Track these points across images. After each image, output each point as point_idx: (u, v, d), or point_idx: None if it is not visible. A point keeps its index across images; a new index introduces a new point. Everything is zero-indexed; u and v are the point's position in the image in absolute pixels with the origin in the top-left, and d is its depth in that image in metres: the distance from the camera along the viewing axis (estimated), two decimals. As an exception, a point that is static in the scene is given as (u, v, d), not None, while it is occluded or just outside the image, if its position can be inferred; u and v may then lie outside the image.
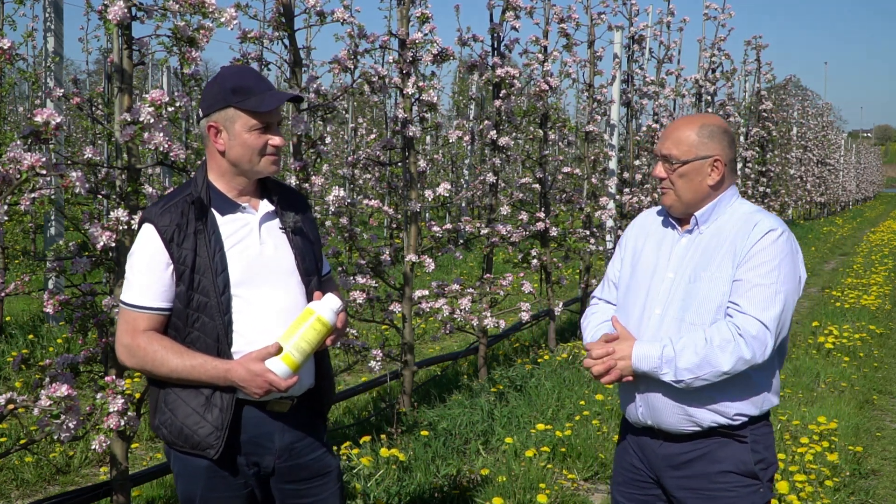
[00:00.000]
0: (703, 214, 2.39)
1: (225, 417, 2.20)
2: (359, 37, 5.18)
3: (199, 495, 2.27)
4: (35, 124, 2.76)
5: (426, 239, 5.85)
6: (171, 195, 2.28)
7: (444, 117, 19.72)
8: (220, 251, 2.21)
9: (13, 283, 4.22)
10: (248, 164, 2.24)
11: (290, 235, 2.34)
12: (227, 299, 2.20)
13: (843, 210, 36.94)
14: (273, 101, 2.20)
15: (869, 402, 6.52)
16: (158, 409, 2.28)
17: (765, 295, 2.23)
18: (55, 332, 7.30)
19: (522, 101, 9.14)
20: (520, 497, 4.22)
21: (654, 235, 2.51)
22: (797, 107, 23.23)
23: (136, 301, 2.21)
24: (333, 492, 2.42)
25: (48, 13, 7.11)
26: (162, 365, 2.18)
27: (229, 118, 2.21)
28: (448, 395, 5.84)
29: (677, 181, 2.37)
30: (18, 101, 16.03)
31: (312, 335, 2.18)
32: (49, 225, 7.30)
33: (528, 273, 7.71)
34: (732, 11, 11.70)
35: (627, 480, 2.55)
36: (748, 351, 2.21)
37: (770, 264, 2.25)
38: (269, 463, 2.30)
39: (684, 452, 2.38)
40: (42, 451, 4.72)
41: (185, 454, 2.26)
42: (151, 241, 2.20)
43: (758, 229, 2.29)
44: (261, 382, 2.13)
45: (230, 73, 2.25)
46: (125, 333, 2.22)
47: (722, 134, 2.36)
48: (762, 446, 2.36)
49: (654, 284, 2.41)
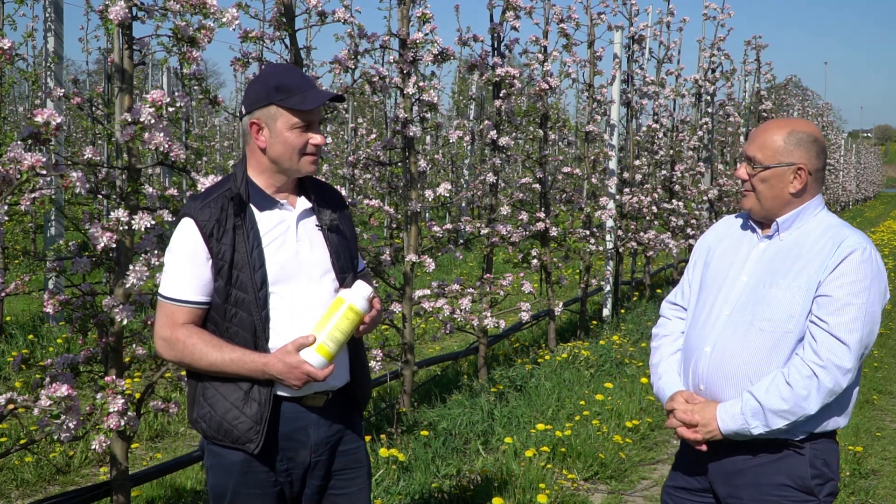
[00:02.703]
0: (785, 221, 2.34)
1: (264, 412, 2.21)
2: (359, 37, 5.17)
3: (231, 490, 2.28)
4: (35, 124, 2.76)
5: (426, 239, 5.85)
6: (211, 190, 2.29)
7: (445, 117, 19.72)
8: (258, 247, 2.23)
9: (13, 283, 4.22)
10: (289, 163, 2.26)
11: (326, 233, 2.35)
12: (264, 295, 2.22)
13: (843, 210, 36.95)
14: (315, 100, 2.22)
15: (869, 402, 6.53)
16: (196, 403, 2.28)
17: (853, 315, 2.18)
18: (55, 332, 7.30)
19: (522, 101, 9.15)
20: (520, 497, 4.22)
21: (732, 238, 2.48)
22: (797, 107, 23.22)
23: (174, 294, 2.22)
24: (362, 487, 2.43)
25: (48, 13, 7.11)
26: (201, 358, 2.19)
27: (271, 116, 2.23)
28: (448, 395, 5.84)
29: (758, 185, 2.33)
30: (18, 101, 16.04)
31: (345, 324, 2.19)
32: (49, 225, 7.29)
33: (528, 273, 7.71)
34: (732, 11, 11.68)
35: (680, 486, 2.52)
36: (830, 380, 2.16)
37: (860, 284, 2.19)
38: (305, 457, 2.31)
39: (740, 461, 2.33)
40: (42, 451, 4.72)
41: (222, 448, 2.26)
42: (191, 236, 2.21)
43: (846, 245, 2.23)
44: (298, 374, 2.15)
45: (274, 71, 2.29)
46: (164, 326, 2.23)
47: (811, 143, 2.30)
48: (821, 462, 2.29)
49: (727, 286, 2.38)
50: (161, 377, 3.37)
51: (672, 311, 2.62)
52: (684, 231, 10.62)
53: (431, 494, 4.17)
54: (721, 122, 13.14)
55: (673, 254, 11.21)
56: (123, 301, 3.14)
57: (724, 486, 2.37)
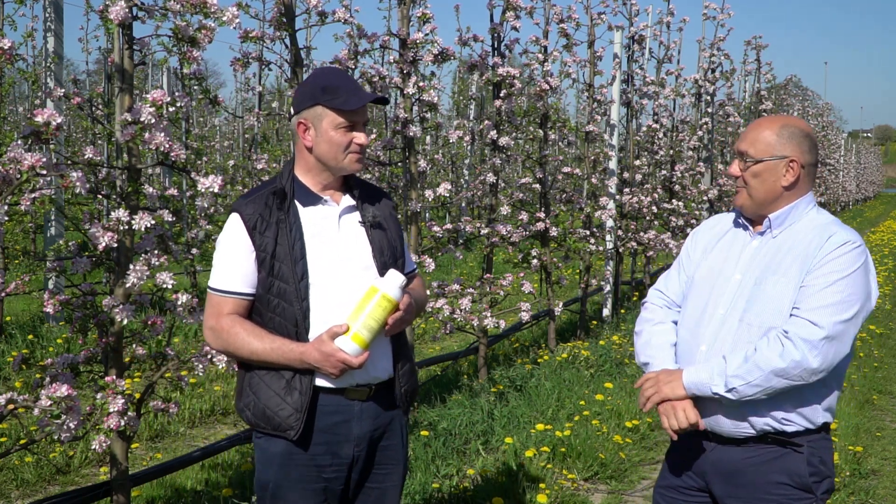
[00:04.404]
0: (777, 217, 2.35)
1: (304, 400, 2.27)
2: (359, 37, 5.17)
3: (273, 480, 2.33)
4: (35, 124, 2.76)
5: (426, 239, 5.85)
6: (258, 188, 2.39)
7: (444, 117, 19.71)
8: (300, 240, 2.31)
9: (13, 283, 4.21)
10: (334, 161, 2.34)
11: (369, 229, 2.40)
12: (305, 286, 2.29)
13: (842, 210, 36.93)
14: (359, 100, 2.30)
15: (869, 402, 6.53)
16: (243, 393, 2.36)
17: (829, 301, 2.18)
18: (55, 332, 7.30)
19: (522, 101, 9.14)
20: (520, 497, 4.22)
21: (725, 236, 2.48)
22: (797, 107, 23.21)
23: (220, 286, 2.32)
24: (396, 484, 2.47)
25: (48, 13, 7.11)
26: (243, 347, 2.28)
27: (317, 116, 2.31)
28: (448, 395, 5.84)
29: (750, 180, 2.34)
30: (18, 101, 16.04)
31: (379, 312, 2.22)
32: (49, 225, 7.29)
33: (528, 273, 7.71)
34: (732, 11, 11.67)
35: (672, 485, 2.51)
36: (797, 352, 2.15)
37: (839, 273, 2.20)
38: (349, 451, 2.35)
39: (737, 460, 2.33)
40: (42, 451, 4.72)
41: (265, 436, 2.33)
42: (236, 229, 2.31)
43: (833, 240, 2.24)
44: (334, 362, 2.20)
45: (321, 73, 2.38)
46: (210, 316, 2.34)
47: (803, 137, 2.32)
48: (818, 459, 2.30)
49: (720, 285, 2.38)
50: (161, 377, 3.37)
51: (662, 299, 2.60)
52: (684, 231, 10.61)
53: (431, 494, 4.17)
54: (721, 122, 13.14)
55: (673, 254, 11.19)
56: (123, 301, 3.14)
57: (722, 485, 2.37)
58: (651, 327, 2.54)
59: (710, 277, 2.42)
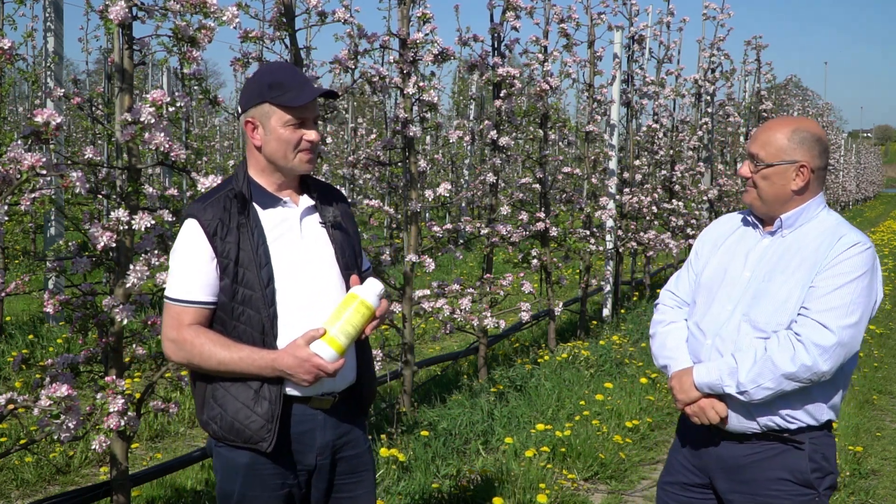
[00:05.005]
0: (789, 218, 2.37)
1: (275, 410, 2.20)
2: (359, 37, 5.16)
3: (238, 491, 2.28)
4: (35, 124, 2.76)
5: (426, 239, 5.85)
6: (214, 191, 2.30)
7: (444, 117, 19.71)
8: (263, 244, 2.23)
9: (13, 283, 4.22)
10: (283, 160, 2.26)
11: (330, 230, 2.36)
12: (271, 292, 2.22)
13: (843, 210, 36.93)
14: (307, 96, 2.21)
15: (869, 402, 6.52)
16: (206, 405, 2.27)
17: (838, 303, 2.20)
18: (55, 332, 7.29)
19: (522, 101, 9.14)
20: (520, 497, 4.22)
21: (734, 234, 2.51)
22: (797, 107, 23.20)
23: (180, 295, 2.21)
24: (369, 490, 2.43)
25: (48, 13, 7.10)
26: (210, 358, 2.18)
27: (265, 113, 2.23)
28: (448, 395, 5.83)
29: (760, 182, 2.37)
30: (18, 101, 16.04)
31: (357, 318, 2.19)
32: (49, 225, 7.29)
33: (528, 273, 7.71)
34: (731, 11, 11.67)
35: (677, 481, 2.54)
36: (808, 357, 2.18)
37: (849, 275, 2.23)
38: (311, 460, 2.31)
39: (740, 456, 2.36)
40: (42, 451, 4.71)
41: (231, 449, 2.26)
42: (195, 236, 2.21)
43: (843, 241, 2.27)
44: (309, 367, 2.13)
45: (268, 69, 2.29)
46: (171, 328, 2.22)
47: (814, 141, 2.33)
48: (820, 455, 2.32)
49: (728, 282, 2.41)
50: (161, 377, 3.37)
51: (673, 300, 2.63)
52: (684, 231, 10.62)
53: (431, 494, 4.17)
54: (721, 122, 13.14)
55: (673, 254, 11.21)
56: (123, 301, 3.14)
57: (725, 481, 2.40)
58: (663, 329, 2.57)
59: (719, 274, 2.45)
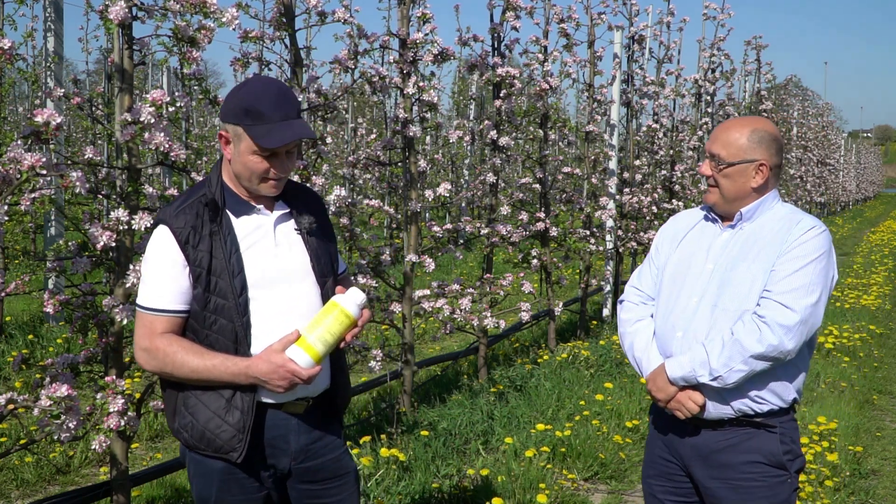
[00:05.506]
0: (748, 211, 2.48)
1: (246, 420, 2.17)
2: (359, 37, 5.16)
3: (214, 497, 2.25)
4: (35, 124, 2.76)
5: (426, 239, 5.85)
6: (186, 196, 2.24)
7: (444, 117, 19.71)
8: (236, 252, 2.19)
9: (13, 283, 4.22)
10: (248, 183, 2.22)
11: (306, 237, 2.32)
12: (244, 301, 2.18)
13: (843, 210, 36.93)
14: (277, 140, 2.13)
15: (869, 402, 6.52)
16: (178, 413, 2.24)
17: (798, 284, 2.31)
18: (55, 332, 7.30)
19: (522, 101, 9.14)
20: (520, 497, 4.22)
21: (694, 229, 2.61)
22: (797, 107, 23.21)
23: (152, 304, 2.18)
24: (352, 493, 2.41)
25: (48, 13, 7.10)
26: (182, 366, 2.14)
27: (237, 135, 2.18)
28: (448, 395, 5.84)
29: (722, 181, 2.48)
30: (18, 101, 16.05)
31: (337, 327, 2.16)
32: (49, 225, 7.29)
33: (528, 273, 7.71)
34: (732, 11, 11.67)
35: (660, 473, 2.61)
36: (774, 336, 2.28)
37: (808, 257, 2.34)
38: (286, 464, 2.29)
39: (714, 442, 2.44)
40: (42, 451, 4.72)
41: (204, 456, 2.23)
42: (166, 244, 2.17)
43: (801, 225, 2.39)
44: (283, 373, 2.10)
45: (251, 91, 2.17)
46: (143, 337, 2.19)
47: (771, 140, 2.45)
48: (790, 438, 2.43)
49: (692, 275, 2.50)
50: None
51: (638, 295, 2.70)
52: (684, 231, 10.59)
53: (431, 494, 4.17)
54: (721, 121, 13.13)
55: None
56: (123, 301, 3.14)
57: (701, 468, 2.48)
58: (631, 328, 2.65)
59: (682, 268, 2.54)
